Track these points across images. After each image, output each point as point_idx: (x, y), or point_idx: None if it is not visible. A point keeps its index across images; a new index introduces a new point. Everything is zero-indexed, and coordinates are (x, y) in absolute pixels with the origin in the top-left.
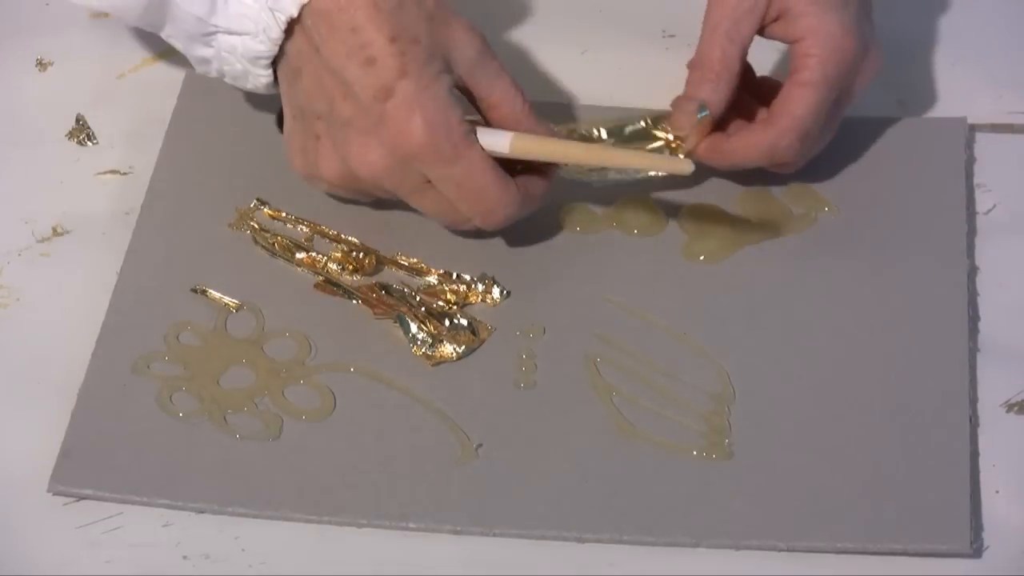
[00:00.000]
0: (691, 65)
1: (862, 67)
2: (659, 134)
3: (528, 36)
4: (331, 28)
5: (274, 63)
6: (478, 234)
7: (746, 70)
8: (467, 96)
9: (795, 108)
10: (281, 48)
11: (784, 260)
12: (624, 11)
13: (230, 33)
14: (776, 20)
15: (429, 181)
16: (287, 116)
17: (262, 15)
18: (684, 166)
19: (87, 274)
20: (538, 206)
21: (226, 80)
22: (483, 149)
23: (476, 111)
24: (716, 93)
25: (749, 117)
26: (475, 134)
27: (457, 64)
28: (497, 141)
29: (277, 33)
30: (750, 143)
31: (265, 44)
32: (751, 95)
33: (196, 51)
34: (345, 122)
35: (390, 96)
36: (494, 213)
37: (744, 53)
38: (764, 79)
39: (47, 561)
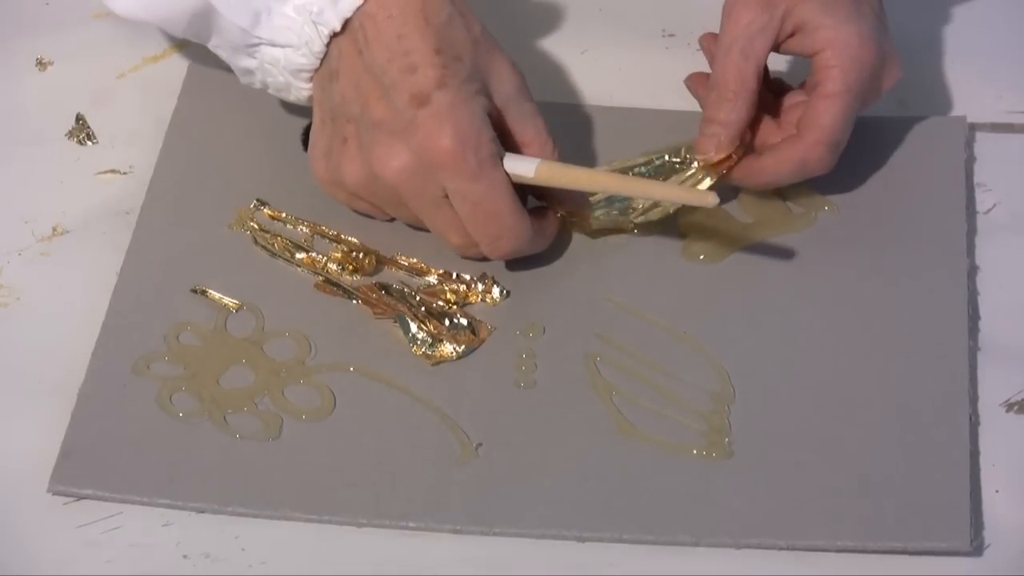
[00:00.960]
0: (708, 87)
1: (881, 75)
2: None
3: (528, 36)
4: (377, 33)
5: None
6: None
7: (767, 83)
8: (497, 131)
9: (823, 120)
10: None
11: (784, 260)
12: (624, 11)
13: (273, 45)
14: (792, 35)
15: (446, 196)
16: (316, 120)
17: (305, 28)
18: (708, 198)
19: (87, 274)
20: (543, 247)
21: (269, 91)
22: (507, 174)
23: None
24: (734, 113)
25: (775, 129)
26: (501, 158)
27: (494, 95)
28: (524, 167)
29: (319, 47)
30: (781, 159)
31: (307, 57)
32: (773, 107)
33: (240, 62)
34: (376, 124)
35: (425, 103)
36: (502, 240)
37: (759, 71)
38: (783, 86)
39: (47, 561)
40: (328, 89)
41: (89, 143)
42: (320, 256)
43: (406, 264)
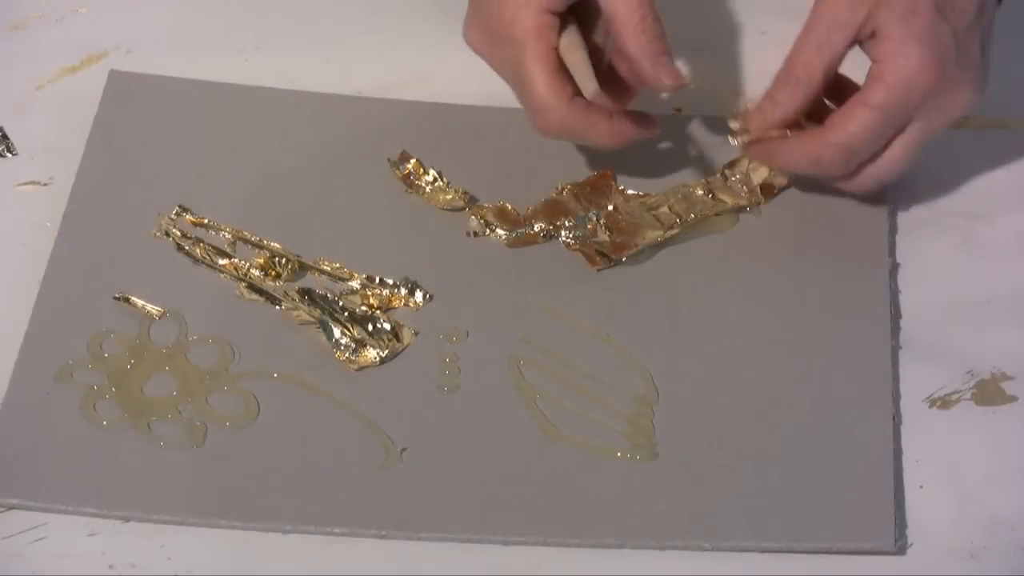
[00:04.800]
0: (782, 66)
1: (942, 102)
2: (724, 197)
3: None
4: None
5: None
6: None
7: (840, 81)
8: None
9: (848, 124)
10: None
11: (707, 260)
12: None
13: None
14: (871, 36)
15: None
16: None
17: None
18: (588, 90)
19: (7, 285)
20: (605, 136)
21: None
22: (554, 47)
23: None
24: (790, 97)
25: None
26: (555, 30)
27: None
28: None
29: None
30: (797, 148)
31: None
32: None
33: None
34: None
35: None
36: (537, 113)
37: (831, 65)
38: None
39: None
40: None
41: (8, 155)
42: (243, 262)
43: (328, 269)
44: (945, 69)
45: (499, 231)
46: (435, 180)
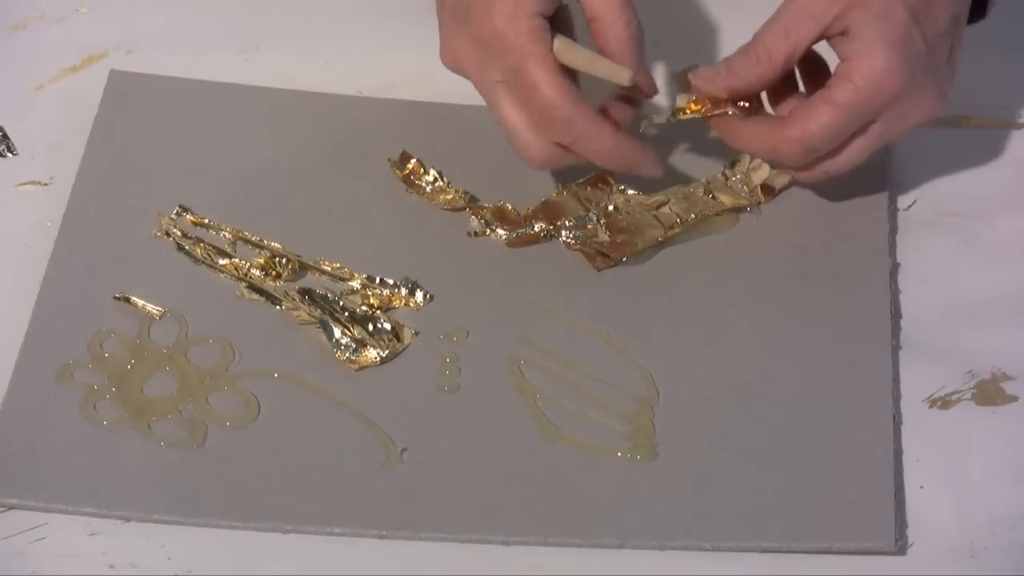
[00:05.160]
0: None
1: (906, 106)
2: (724, 198)
3: None
4: None
5: None
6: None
7: (819, 66)
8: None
9: (809, 122)
10: None
11: (707, 261)
12: None
13: None
14: (841, 34)
15: (505, 80)
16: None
17: None
18: (623, 76)
19: (8, 286)
20: (629, 160)
21: None
22: (550, 51)
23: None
24: (745, 72)
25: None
26: (548, 33)
27: None
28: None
29: None
30: (756, 135)
31: None
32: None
33: None
34: (448, 8)
35: None
36: (546, 115)
37: (793, 53)
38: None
39: None
40: None
41: (9, 155)
42: (243, 262)
43: (329, 269)
44: (913, 74)
45: (499, 231)
46: (435, 180)
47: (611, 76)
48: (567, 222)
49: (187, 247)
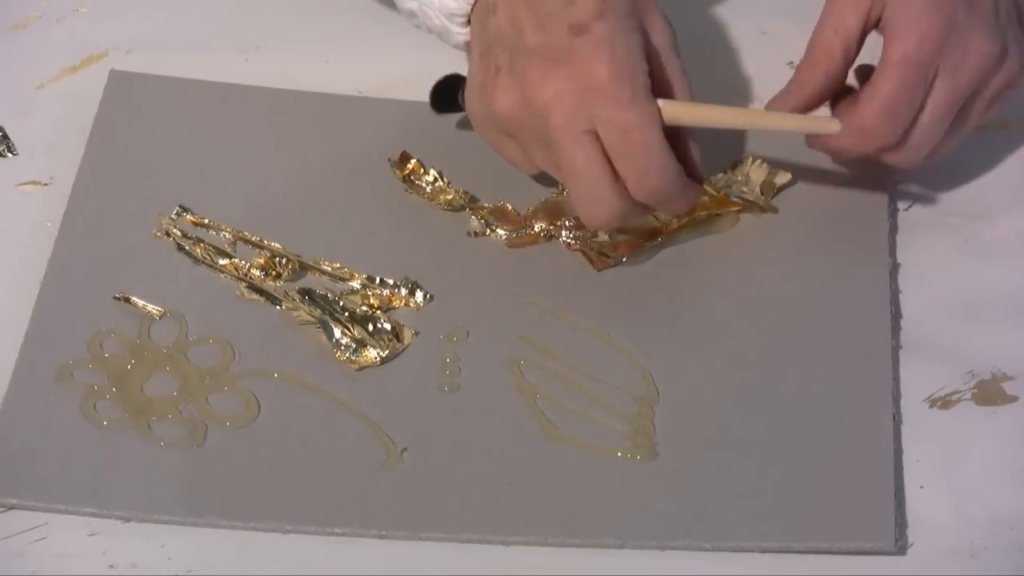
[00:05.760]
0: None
1: (958, 52)
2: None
3: None
4: None
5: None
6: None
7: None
8: None
9: (879, 87)
10: None
11: (707, 261)
12: None
13: None
14: (881, 18)
15: (593, 132)
16: (474, 56)
17: None
18: (832, 125)
19: (8, 286)
20: (689, 202)
21: (432, 33)
22: (659, 109)
23: None
24: (812, 77)
25: None
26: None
27: (648, 41)
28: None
29: None
30: (845, 130)
31: (458, 2)
32: None
33: (404, 4)
34: (531, 51)
35: (584, 32)
36: (649, 175)
37: (848, 46)
38: None
39: None
40: (485, 23)
41: (9, 155)
42: (243, 262)
43: (329, 269)
44: (954, 16)
45: (499, 231)
46: (436, 180)
47: (819, 129)
48: (567, 222)
49: (187, 247)
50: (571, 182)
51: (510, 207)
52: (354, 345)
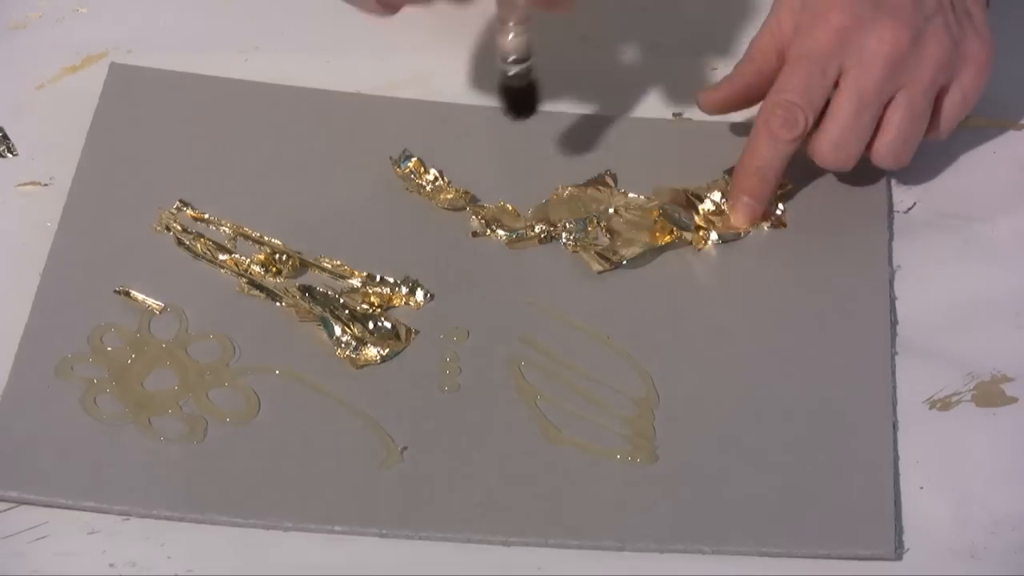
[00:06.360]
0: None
1: (864, 37)
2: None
3: None
4: None
5: None
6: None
7: None
8: None
9: (780, 80)
10: None
11: (707, 264)
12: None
13: None
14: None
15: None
16: None
17: None
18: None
19: (8, 285)
20: None
21: None
22: None
23: None
24: (744, 72)
25: None
26: None
27: None
28: None
29: None
30: (751, 140)
31: None
32: None
33: None
34: None
35: None
36: None
37: (782, 47)
38: None
39: None
40: None
41: (9, 155)
42: (243, 258)
43: (329, 267)
44: (857, 13)
45: (499, 231)
46: (436, 179)
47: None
48: (567, 224)
49: (187, 242)
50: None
51: (510, 207)
52: (354, 343)
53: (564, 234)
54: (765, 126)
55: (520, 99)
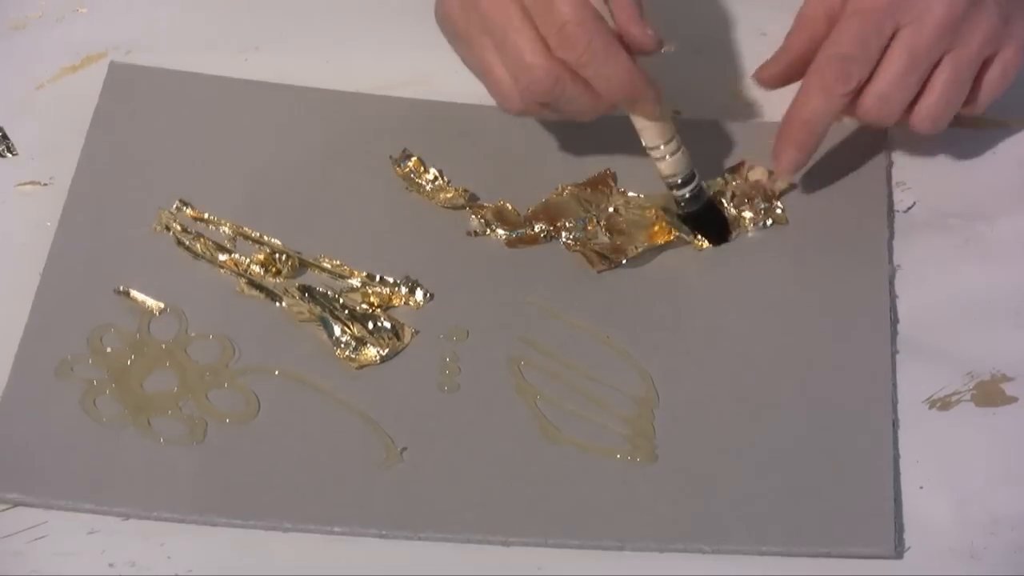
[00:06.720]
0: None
1: (912, 5)
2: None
3: None
4: None
5: None
6: (402, 235)
7: None
8: None
9: (833, 35)
10: None
11: (707, 263)
12: None
13: None
14: None
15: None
16: None
17: None
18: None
19: (8, 286)
20: (634, 89)
21: None
22: None
23: None
24: (797, 43)
25: None
26: None
27: None
28: None
29: None
30: (804, 89)
31: None
32: None
33: None
34: None
35: None
36: (569, 24)
37: (831, 11)
38: None
39: None
40: None
41: (8, 155)
42: (243, 258)
43: (329, 267)
44: None
45: (499, 231)
46: (436, 179)
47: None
48: (567, 223)
49: (187, 242)
50: (496, 46)
51: (510, 207)
52: (354, 343)
53: (564, 233)
54: (819, 79)
55: (707, 222)
